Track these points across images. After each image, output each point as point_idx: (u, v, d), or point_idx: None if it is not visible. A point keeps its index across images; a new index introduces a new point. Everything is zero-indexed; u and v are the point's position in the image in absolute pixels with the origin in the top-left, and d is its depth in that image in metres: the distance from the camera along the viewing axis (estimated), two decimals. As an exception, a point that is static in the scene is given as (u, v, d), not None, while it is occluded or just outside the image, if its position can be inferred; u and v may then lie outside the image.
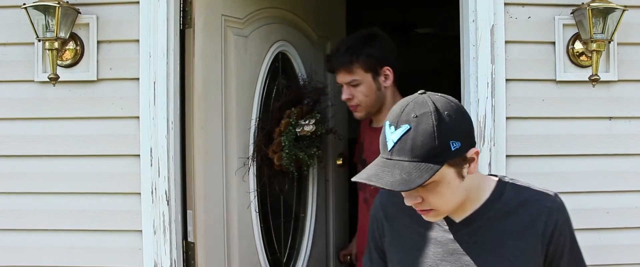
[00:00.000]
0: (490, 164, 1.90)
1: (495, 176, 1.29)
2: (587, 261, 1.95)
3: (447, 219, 1.24)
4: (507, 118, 1.92)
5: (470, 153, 1.13)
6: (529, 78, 1.93)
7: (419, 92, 1.15)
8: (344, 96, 1.99)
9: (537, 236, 1.19)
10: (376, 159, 1.15)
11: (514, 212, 1.21)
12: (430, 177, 1.07)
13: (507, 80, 1.92)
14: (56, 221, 1.93)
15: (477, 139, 1.90)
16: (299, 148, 2.26)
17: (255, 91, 2.26)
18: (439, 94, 1.16)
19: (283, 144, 2.21)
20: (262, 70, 2.30)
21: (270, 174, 2.28)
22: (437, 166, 1.08)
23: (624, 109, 1.95)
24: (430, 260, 1.24)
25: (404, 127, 1.09)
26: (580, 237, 1.93)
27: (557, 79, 1.93)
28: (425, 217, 1.20)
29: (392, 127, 1.11)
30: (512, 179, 1.29)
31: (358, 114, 2.01)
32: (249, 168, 2.20)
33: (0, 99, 1.94)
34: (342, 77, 1.97)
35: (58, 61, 1.87)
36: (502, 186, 1.25)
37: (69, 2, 1.85)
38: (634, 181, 1.95)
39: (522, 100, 1.93)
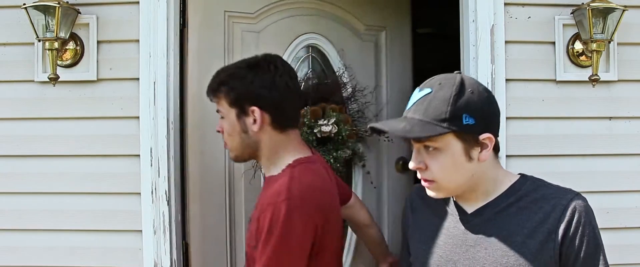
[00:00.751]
0: (490, 164, 1.90)
1: (524, 174, 1.28)
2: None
3: (461, 210, 1.25)
4: (507, 118, 1.91)
5: (483, 137, 1.15)
6: (529, 78, 1.93)
7: (456, 72, 1.21)
8: (217, 127, 1.63)
9: (549, 235, 1.14)
10: None
11: (528, 208, 1.18)
12: (430, 135, 1.12)
13: (507, 80, 1.92)
14: (56, 221, 1.92)
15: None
16: (326, 151, 2.06)
17: None
18: (475, 79, 1.21)
19: None
20: None
21: None
22: (442, 129, 1.12)
23: (624, 109, 1.95)
24: (441, 251, 1.25)
25: (426, 90, 1.16)
26: (580, 237, 1.94)
27: (557, 79, 1.93)
28: (428, 191, 1.22)
29: (418, 90, 1.19)
30: (539, 179, 1.27)
31: (230, 154, 1.62)
32: (255, 171, 2.11)
33: (0, 99, 1.93)
34: (216, 106, 1.59)
35: (58, 61, 1.87)
36: (522, 182, 1.24)
37: (69, 2, 1.85)
38: (634, 180, 1.95)
39: (522, 100, 1.93)
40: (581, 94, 1.94)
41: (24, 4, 1.80)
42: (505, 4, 1.92)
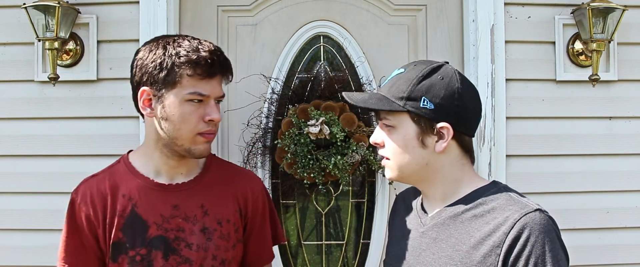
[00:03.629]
0: (490, 163, 1.90)
1: (496, 182, 1.20)
2: (588, 261, 1.97)
3: (423, 212, 1.23)
4: (507, 118, 1.92)
5: (440, 125, 1.11)
6: (529, 78, 1.94)
7: (445, 61, 1.20)
8: (217, 115, 1.34)
9: (494, 248, 1.04)
10: None
11: (482, 217, 1.10)
12: (382, 108, 1.13)
13: (507, 80, 1.92)
14: (56, 220, 1.91)
15: (477, 139, 1.91)
16: (327, 156, 1.87)
17: (270, 85, 1.99)
18: (464, 76, 1.17)
19: (286, 149, 1.89)
20: (281, 60, 2.02)
21: (295, 185, 2.01)
22: (397, 106, 1.12)
23: (624, 109, 1.95)
24: (400, 252, 1.23)
25: (400, 70, 1.17)
26: (580, 238, 1.95)
27: (557, 79, 1.93)
28: (385, 172, 1.22)
29: (396, 69, 1.19)
30: (509, 188, 1.17)
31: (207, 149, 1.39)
32: None
33: (0, 99, 1.94)
34: (217, 88, 1.34)
35: (58, 61, 1.87)
36: (486, 189, 1.15)
37: (69, 2, 1.85)
38: (634, 181, 1.95)
39: (522, 100, 1.93)
40: (581, 93, 1.95)
41: (24, 4, 1.81)
42: (505, 4, 1.92)
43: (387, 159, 1.18)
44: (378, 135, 1.19)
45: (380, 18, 2.04)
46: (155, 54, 1.29)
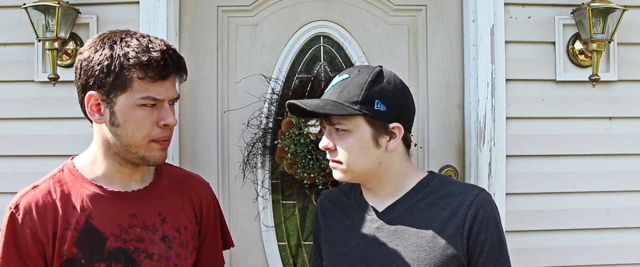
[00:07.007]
0: (490, 164, 1.90)
1: (433, 172, 1.32)
2: (588, 261, 1.97)
3: (371, 209, 1.28)
4: (507, 118, 1.92)
5: (393, 125, 1.20)
6: (529, 78, 1.94)
7: (378, 65, 1.26)
8: (172, 120, 1.23)
9: (457, 228, 1.18)
10: None
11: (436, 203, 1.22)
12: (341, 114, 1.17)
13: (507, 80, 1.92)
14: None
15: (477, 139, 1.91)
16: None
17: (270, 85, 2.00)
18: (394, 73, 1.25)
19: (286, 149, 1.91)
20: (281, 60, 2.02)
21: (295, 185, 2.02)
22: (353, 110, 1.17)
23: (624, 109, 1.95)
24: (354, 251, 1.27)
25: (344, 76, 1.22)
26: (580, 238, 1.95)
27: (557, 79, 1.93)
28: (335, 173, 1.26)
29: (338, 76, 1.24)
30: (447, 176, 1.31)
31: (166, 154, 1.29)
32: (245, 175, 2.01)
33: (0, 99, 1.94)
34: (171, 89, 1.22)
35: (58, 61, 1.88)
36: (429, 179, 1.27)
37: (69, 2, 1.85)
38: (634, 181, 1.95)
39: (522, 100, 1.93)
40: (581, 94, 1.95)
41: (24, 4, 1.81)
42: (505, 4, 1.92)
43: (339, 162, 1.23)
44: (328, 140, 1.24)
45: (380, 18, 2.04)
46: (101, 54, 1.16)
